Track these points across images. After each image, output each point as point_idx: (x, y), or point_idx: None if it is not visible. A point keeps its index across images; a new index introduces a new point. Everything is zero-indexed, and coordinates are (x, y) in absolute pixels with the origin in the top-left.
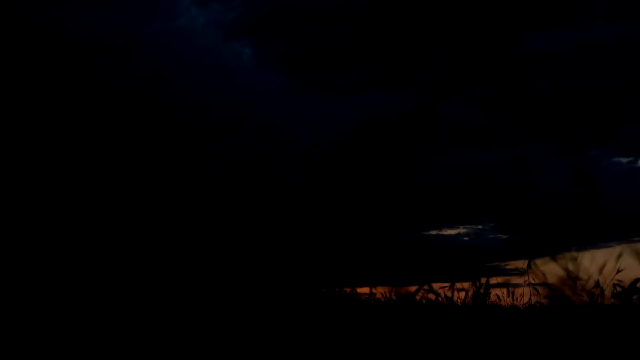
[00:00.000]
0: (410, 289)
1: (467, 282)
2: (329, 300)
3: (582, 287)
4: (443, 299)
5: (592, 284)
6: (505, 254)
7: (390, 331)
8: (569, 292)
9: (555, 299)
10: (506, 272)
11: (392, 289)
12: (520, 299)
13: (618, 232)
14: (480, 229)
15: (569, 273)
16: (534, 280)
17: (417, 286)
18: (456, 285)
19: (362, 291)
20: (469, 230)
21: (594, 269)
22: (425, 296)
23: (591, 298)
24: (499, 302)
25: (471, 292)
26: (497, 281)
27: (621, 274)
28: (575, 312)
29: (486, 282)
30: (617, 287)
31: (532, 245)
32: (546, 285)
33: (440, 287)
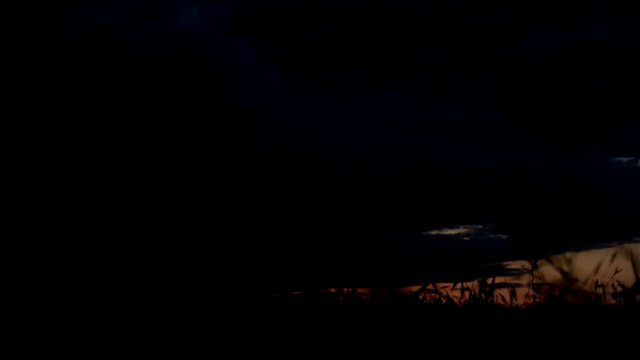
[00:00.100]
0: (412, 289)
1: (468, 282)
2: (328, 301)
3: (582, 287)
4: (445, 299)
5: (591, 284)
6: (506, 254)
7: (392, 332)
8: (569, 292)
9: (555, 299)
10: (507, 272)
11: (393, 289)
12: (521, 299)
13: (619, 231)
14: (480, 229)
15: (568, 273)
16: (535, 280)
17: (419, 286)
18: (457, 285)
19: (363, 291)
20: (469, 230)
21: (593, 269)
22: (428, 296)
23: (591, 298)
24: (502, 303)
25: (476, 292)
26: (498, 281)
27: (622, 274)
28: (576, 312)
29: (492, 282)
30: (617, 288)
31: (532, 245)
32: (547, 285)
33: (442, 287)
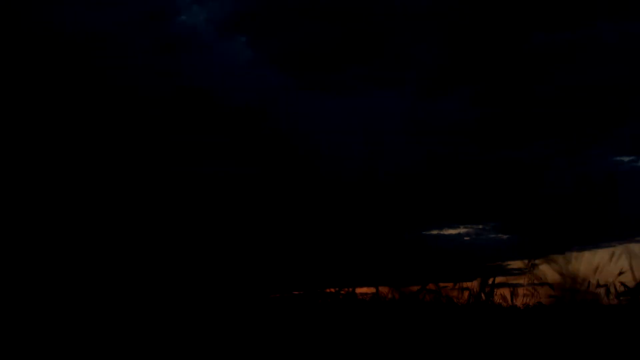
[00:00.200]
0: (412, 288)
1: (468, 282)
2: (329, 301)
3: (582, 287)
4: (445, 299)
5: (592, 284)
6: (506, 254)
7: (392, 331)
8: (569, 292)
9: (556, 299)
10: (507, 271)
11: (394, 289)
12: (521, 299)
13: (620, 231)
14: (480, 229)
15: (569, 273)
16: (536, 280)
17: (419, 286)
18: (458, 284)
19: (363, 291)
20: (469, 229)
21: (594, 269)
22: (428, 296)
23: (592, 298)
24: (503, 303)
25: (477, 292)
26: (498, 281)
27: (624, 274)
28: (576, 312)
29: (493, 281)
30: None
31: (533, 245)
32: (547, 285)
33: (442, 287)
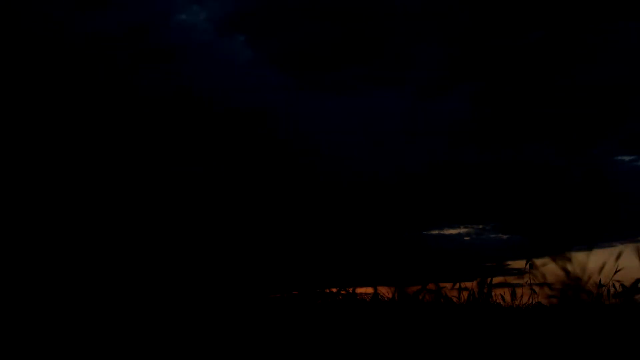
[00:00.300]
0: (412, 288)
1: (468, 282)
2: (328, 301)
3: (583, 287)
4: (445, 299)
5: (593, 284)
6: (507, 254)
7: (392, 331)
8: (570, 292)
9: (556, 299)
10: (507, 271)
11: (394, 289)
12: (521, 299)
13: (621, 231)
14: (481, 229)
15: (570, 273)
16: (536, 280)
17: (419, 286)
18: (458, 284)
19: (363, 291)
20: (470, 229)
21: (595, 269)
22: (429, 296)
23: (592, 298)
24: (502, 302)
25: (475, 292)
26: (498, 281)
27: (623, 273)
28: (576, 312)
29: (490, 281)
30: (616, 287)
31: (533, 245)
32: (547, 285)
33: (442, 287)
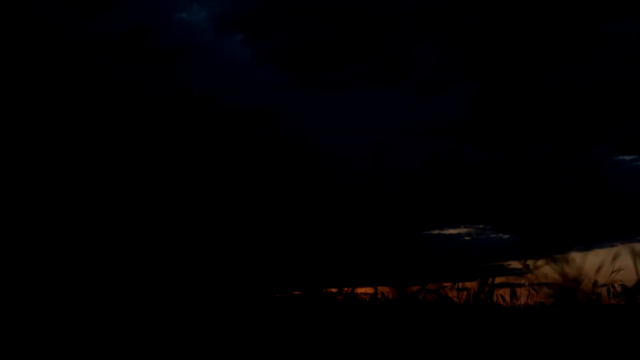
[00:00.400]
0: (412, 288)
1: (469, 282)
2: (328, 301)
3: (583, 287)
4: (445, 299)
5: (592, 284)
6: (507, 254)
7: (392, 331)
8: (570, 292)
9: (556, 299)
10: (507, 271)
11: (394, 289)
12: (521, 299)
13: (622, 231)
14: (481, 229)
15: (569, 273)
16: (536, 280)
17: (419, 286)
18: (458, 284)
19: (363, 291)
20: (470, 229)
21: (595, 269)
22: (429, 296)
23: (592, 298)
24: (502, 302)
25: (475, 292)
26: (498, 281)
27: (623, 273)
28: (576, 312)
29: (492, 282)
30: (615, 287)
31: (533, 244)
32: (548, 285)
33: (442, 287)
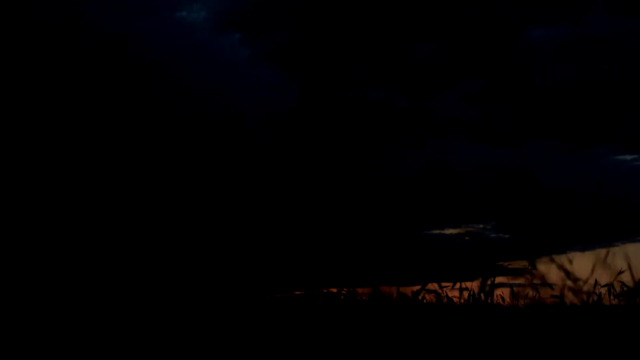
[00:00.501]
0: (412, 288)
1: (469, 282)
2: (328, 301)
3: (584, 287)
4: (445, 299)
5: (593, 284)
6: (507, 254)
7: (392, 331)
8: (570, 293)
9: (557, 299)
10: (507, 271)
11: (394, 289)
12: (522, 300)
13: (622, 231)
14: (481, 228)
15: (570, 273)
16: (536, 280)
17: (420, 286)
18: (458, 284)
19: (363, 291)
20: (470, 229)
21: (595, 269)
22: (428, 296)
23: (593, 298)
24: (502, 303)
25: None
26: (498, 281)
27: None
28: (576, 312)
29: (492, 282)
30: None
31: (533, 244)
32: (548, 285)
33: (442, 287)
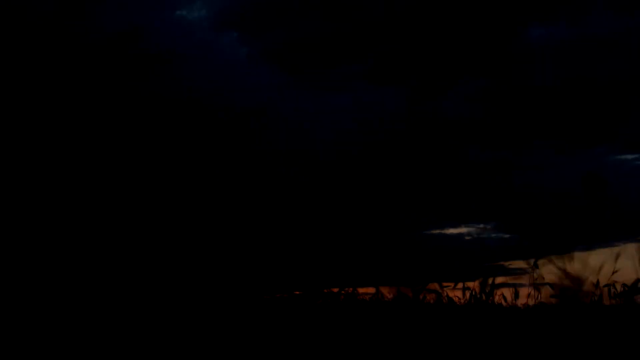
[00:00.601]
0: (413, 288)
1: (470, 282)
2: (329, 301)
3: (584, 287)
4: (446, 299)
5: (593, 284)
6: (508, 254)
7: (393, 331)
8: (571, 292)
9: (557, 299)
10: (509, 271)
11: (394, 289)
12: (522, 299)
13: (624, 231)
14: (482, 228)
15: (571, 273)
16: (537, 280)
17: (420, 286)
18: (459, 284)
19: (364, 291)
20: (471, 229)
21: (597, 269)
22: (430, 296)
23: (594, 298)
24: (504, 302)
25: (478, 292)
26: (499, 281)
27: (623, 273)
28: (577, 311)
29: (492, 281)
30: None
31: (534, 244)
32: (549, 285)
33: (443, 287)
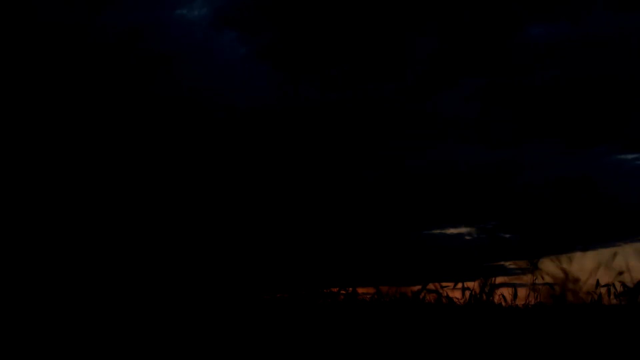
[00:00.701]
0: (413, 288)
1: (470, 282)
2: (329, 301)
3: (584, 287)
4: (445, 299)
5: (594, 284)
6: (508, 254)
7: (393, 331)
8: (571, 292)
9: (557, 299)
10: (508, 271)
11: (394, 289)
12: (523, 299)
13: (624, 231)
14: (482, 228)
15: (570, 273)
16: (537, 280)
17: (420, 286)
18: (459, 284)
19: (364, 291)
20: (471, 229)
21: (596, 269)
22: (429, 296)
23: (593, 298)
24: (503, 302)
25: (477, 292)
26: (499, 281)
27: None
28: (577, 312)
29: (492, 281)
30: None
31: (534, 244)
32: (549, 285)
33: (443, 287)
